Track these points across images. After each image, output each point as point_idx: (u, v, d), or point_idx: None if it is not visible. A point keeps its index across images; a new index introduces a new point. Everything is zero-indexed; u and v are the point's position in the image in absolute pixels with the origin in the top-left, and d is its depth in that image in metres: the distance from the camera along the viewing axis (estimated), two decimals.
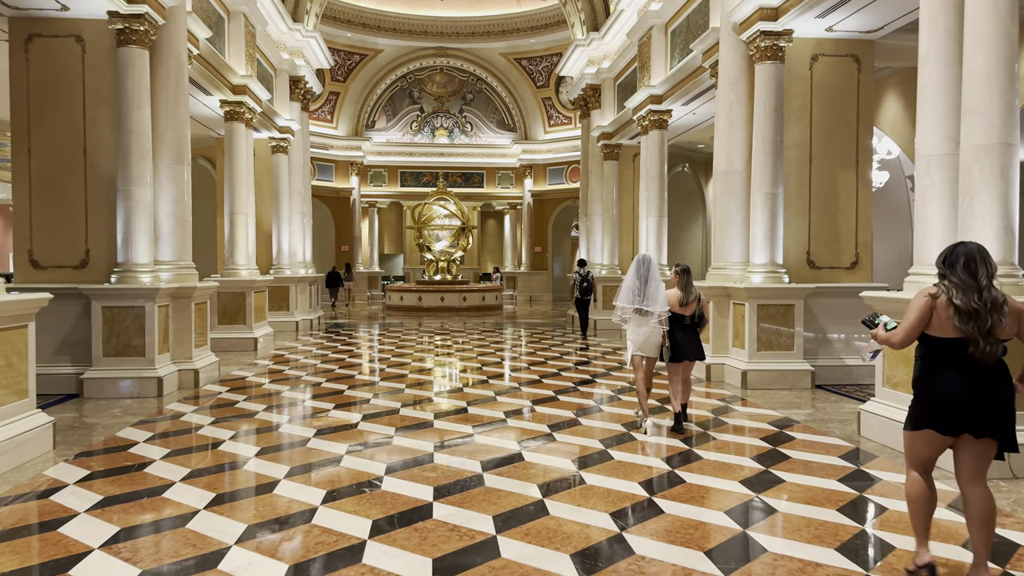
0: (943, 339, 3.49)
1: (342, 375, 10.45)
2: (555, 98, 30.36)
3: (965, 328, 3.38)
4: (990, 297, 3.40)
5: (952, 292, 3.44)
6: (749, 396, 8.76)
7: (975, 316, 3.37)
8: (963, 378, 3.44)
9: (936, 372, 3.53)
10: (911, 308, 3.56)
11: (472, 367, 11.44)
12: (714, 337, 9.93)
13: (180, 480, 5.39)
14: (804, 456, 6.05)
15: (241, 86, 13.32)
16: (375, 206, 31.80)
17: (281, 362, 11.84)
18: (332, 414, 7.78)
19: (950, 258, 3.51)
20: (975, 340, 3.37)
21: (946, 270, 3.52)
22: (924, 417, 3.55)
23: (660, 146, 13.93)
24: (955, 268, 3.47)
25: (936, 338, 3.52)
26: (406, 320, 20.86)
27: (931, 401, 3.53)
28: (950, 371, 3.47)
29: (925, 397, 3.57)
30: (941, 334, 3.49)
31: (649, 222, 14.07)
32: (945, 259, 3.53)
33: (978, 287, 3.39)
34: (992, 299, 3.40)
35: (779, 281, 9.36)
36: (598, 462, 5.91)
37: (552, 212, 31.07)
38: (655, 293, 6.67)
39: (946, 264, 3.51)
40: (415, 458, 5.99)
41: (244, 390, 9.28)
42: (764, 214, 9.38)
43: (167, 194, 9.58)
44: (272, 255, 17.15)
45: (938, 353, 3.53)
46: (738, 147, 9.93)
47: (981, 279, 3.40)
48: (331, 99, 29.91)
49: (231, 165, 13.49)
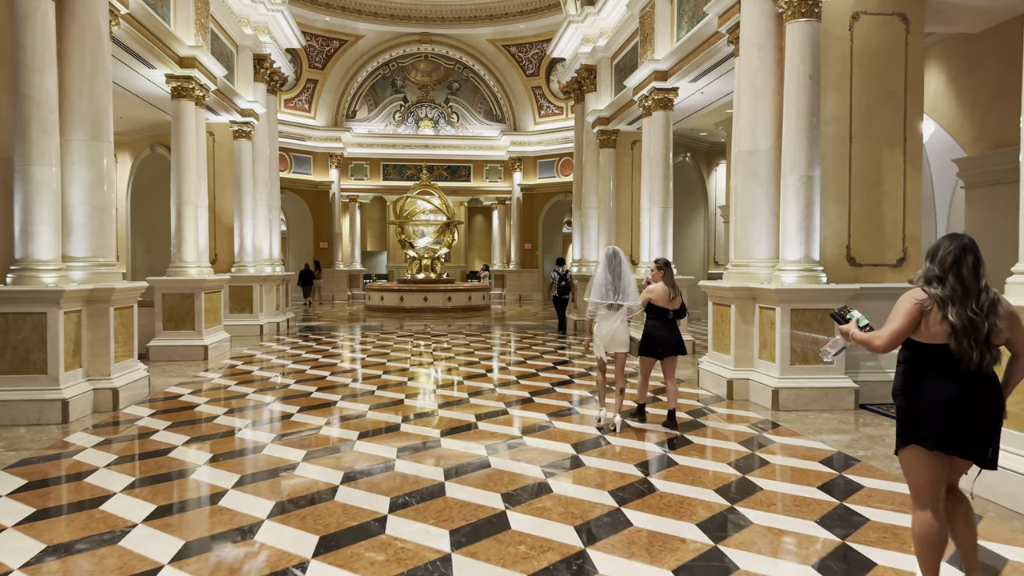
0: (930, 345, 3.12)
1: (297, 392, 8.85)
2: (546, 87, 28.80)
3: (959, 346, 3.02)
4: (987, 300, 3.04)
5: (945, 306, 3.03)
6: (783, 420, 7.23)
7: (971, 330, 3.00)
8: (953, 385, 3.08)
9: (923, 377, 3.15)
10: (899, 310, 3.14)
11: (454, 381, 9.85)
12: (736, 347, 8.39)
13: (19, 569, 3.80)
14: (885, 517, 4.51)
15: (189, 58, 11.67)
16: (356, 201, 30.15)
17: (231, 375, 10.23)
18: (271, 450, 6.19)
19: (942, 256, 3.09)
20: (968, 357, 3.02)
21: (936, 271, 3.09)
22: (911, 428, 3.16)
23: (665, 129, 12.38)
24: (951, 269, 3.06)
25: (923, 344, 3.14)
26: (387, 322, 19.25)
27: (915, 405, 3.15)
28: (937, 376, 3.11)
29: (908, 401, 3.18)
30: (929, 340, 3.12)
31: (652, 214, 12.51)
32: (932, 255, 3.13)
33: (978, 291, 3.03)
34: (989, 301, 3.04)
35: (816, 281, 7.84)
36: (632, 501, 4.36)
37: (543, 207, 29.49)
38: (627, 287, 6.56)
39: (936, 262, 3.10)
40: (363, 526, 4.44)
41: (172, 413, 7.66)
42: (798, 201, 7.85)
43: (81, 177, 7.94)
44: (235, 251, 15.51)
45: (925, 359, 3.15)
46: (764, 123, 8.38)
47: (981, 281, 3.05)
48: (309, 87, 28.24)
49: (178, 148, 11.83)
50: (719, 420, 7.30)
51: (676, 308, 6.92)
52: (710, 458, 5.96)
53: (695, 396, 8.61)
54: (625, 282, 6.60)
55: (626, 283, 6.60)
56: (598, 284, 6.66)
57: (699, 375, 9.27)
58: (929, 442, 3.10)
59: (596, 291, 6.67)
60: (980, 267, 3.06)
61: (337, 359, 11.81)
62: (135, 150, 18.71)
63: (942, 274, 3.07)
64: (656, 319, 6.89)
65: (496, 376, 10.17)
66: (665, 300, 6.85)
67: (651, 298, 6.88)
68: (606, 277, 6.62)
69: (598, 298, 6.65)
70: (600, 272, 6.71)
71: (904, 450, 3.21)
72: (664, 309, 6.87)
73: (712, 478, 5.33)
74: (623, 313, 6.60)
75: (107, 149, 8.20)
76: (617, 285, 6.59)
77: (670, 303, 6.85)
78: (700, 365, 9.30)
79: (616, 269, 6.61)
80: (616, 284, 6.59)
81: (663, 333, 6.84)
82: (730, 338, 8.45)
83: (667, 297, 6.85)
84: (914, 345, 3.17)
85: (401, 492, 5.01)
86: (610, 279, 6.60)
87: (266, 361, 11.60)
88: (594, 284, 6.72)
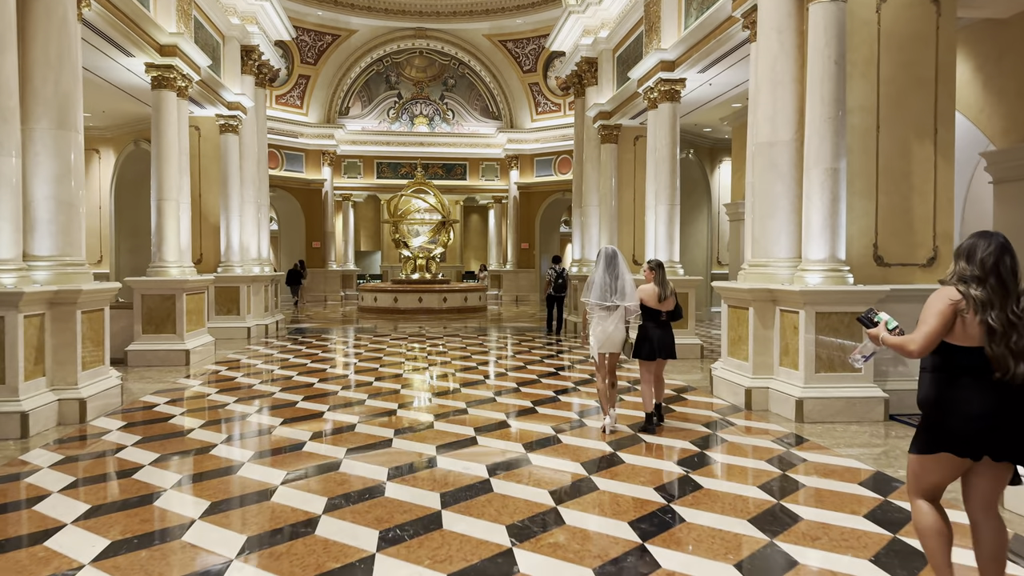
0: (964, 348, 2.93)
1: (282, 401, 8.23)
2: (543, 84, 28.20)
3: (996, 350, 2.84)
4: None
5: (985, 309, 2.86)
6: (809, 434, 6.64)
7: (1010, 334, 2.84)
8: (987, 391, 2.90)
9: (955, 386, 2.96)
10: (931, 310, 2.96)
11: (450, 389, 9.23)
12: (755, 353, 7.80)
13: None
14: None
15: (170, 46, 11.03)
16: (350, 199, 29.49)
17: (212, 381, 9.60)
18: (248, 470, 5.57)
19: (982, 256, 2.91)
20: (1004, 364, 2.84)
21: (976, 271, 2.91)
22: (941, 438, 2.98)
23: (671, 122, 11.78)
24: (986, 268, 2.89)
25: (956, 347, 2.95)
26: (380, 323, 18.64)
27: (949, 420, 2.95)
28: (972, 384, 2.92)
29: (942, 415, 2.98)
30: (964, 342, 2.93)
31: (658, 212, 11.91)
32: (968, 254, 2.95)
33: (1017, 293, 2.88)
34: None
35: (843, 282, 7.25)
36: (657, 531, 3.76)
37: (540, 206, 28.86)
38: (625, 288, 6.49)
39: (975, 263, 2.91)
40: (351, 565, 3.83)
41: (144, 426, 7.04)
42: (823, 195, 7.26)
43: (46, 169, 7.30)
44: (221, 251, 14.87)
45: (958, 363, 2.95)
46: (785, 112, 7.79)
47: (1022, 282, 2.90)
48: (301, 83, 27.58)
49: (159, 141, 11.19)
50: (739, 433, 6.71)
51: (669, 310, 6.80)
52: (737, 479, 5.37)
53: (710, 405, 8.02)
54: (623, 282, 6.52)
55: (624, 283, 6.52)
56: (596, 284, 6.56)
57: (713, 382, 8.68)
58: (960, 449, 2.95)
59: (594, 291, 6.56)
60: (1018, 267, 2.92)
61: (327, 364, 11.19)
62: (119, 145, 18.06)
63: (982, 275, 2.90)
64: (649, 320, 6.80)
65: (494, 382, 9.56)
66: (654, 301, 6.76)
67: (642, 298, 6.76)
68: (604, 277, 6.53)
69: (596, 299, 6.54)
70: (598, 272, 6.60)
71: (928, 456, 3.05)
72: (656, 311, 6.77)
73: (744, 505, 4.73)
74: (620, 313, 6.52)
75: (75, 139, 7.56)
76: (615, 285, 6.51)
77: (660, 304, 6.76)
78: (714, 372, 8.71)
79: (614, 269, 6.53)
80: (614, 284, 6.51)
81: (655, 335, 6.75)
82: (748, 343, 7.86)
83: (656, 298, 6.75)
84: (945, 348, 2.98)
85: (392, 523, 4.40)
86: (608, 279, 6.52)
87: (251, 367, 10.97)
88: (592, 284, 6.62)
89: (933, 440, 3.02)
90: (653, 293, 6.78)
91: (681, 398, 8.42)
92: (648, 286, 6.84)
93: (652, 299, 6.77)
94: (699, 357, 11.55)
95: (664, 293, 6.77)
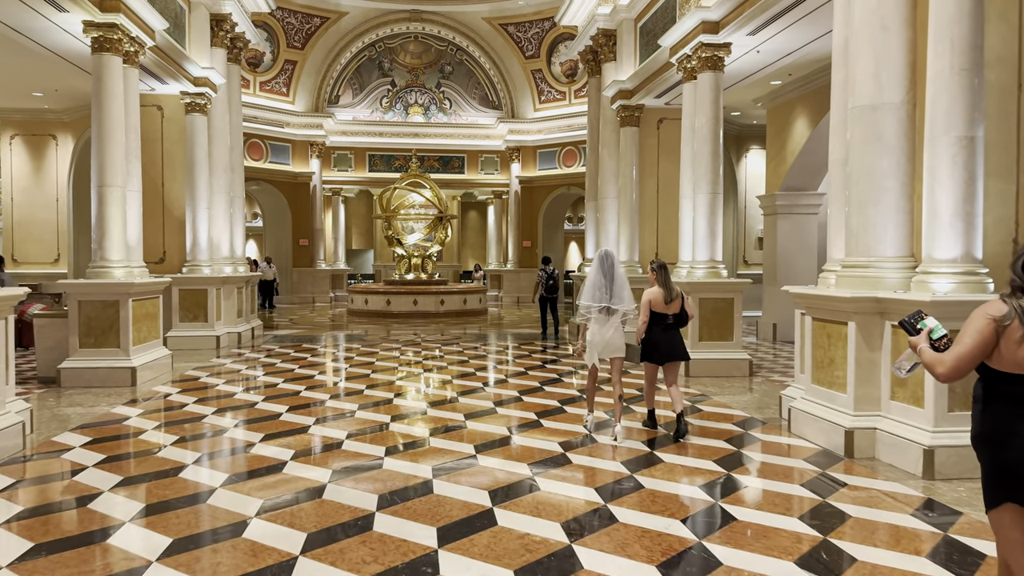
0: (1014, 376, 2.47)
1: (237, 441, 6.36)
2: (547, 70, 26.32)
3: None
4: None
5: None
6: (953, 499, 4.78)
7: None
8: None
9: (1008, 420, 2.49)
10: (968, 329, 2.51)
11: (457, 428, 7.36)
12: (856, 383, 5.94)
13: None
14: None
15: (113, 2, 9.15)
16: (340, 194, 27.58)
17: (156, 410, 7.72)
18: (155, 573, 3.70)
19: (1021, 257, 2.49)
20: None
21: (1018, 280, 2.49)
22: (1000, 486, 2.53)
23: (714, 95, 9.91)
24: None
25: (1004, 374, 2.49)
26: (371, 328, 16.78)
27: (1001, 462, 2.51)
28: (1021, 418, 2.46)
29: (993, 457, 2.54)
30: (1014, 369, 2.46)
31: (698, 202, 10.03)
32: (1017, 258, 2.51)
33: None
34: None
35: (982, 289, 5.42)
36: None
37: (543, 201, 26.96)
38: (620, 291, 6.35)
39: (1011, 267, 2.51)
40: None
41: (32, 487, 5.14)
42: (955, 174, 5.42)
43: None
44: (187, 248, 12.98)
45: (1008, 394, 2.50)
46: (894, 66, 5.93)
47: None
48: (287, 69, 25.66)
49: (100, 116, 9.28)
50: (852, 501, 4.84)
51: (675, 312, 6.58)
52: None
53: (786, 448, 6.18)
54: (618, 285, 6.35)
55: (619, 286, 6.35)
56: (591, 286, 6.38)
57: (790, 417, 6.82)
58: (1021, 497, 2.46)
59: (588, 293, 6.40)
60: None
61: (302, 385, 9.31)
62: (77, 131, 16.17)
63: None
64: (655, 324, 6.57)
65: (513, 414, 7.69)
66: (661, 304, 6.53)
67: (650, 300, 6.51)
68: (599, 279, 6.36)
69: (590, 300, 6.36)
70: (592, 274, 6.44)
71: (996, 510, 2.55)
72: (662, 314, 6.55)
73: None
74: (617, 317, 6.35)
75: None
76: (611, 288, 6.32)
77: (667, 307, 6.54)
78: (791, 403, 6.86)
79: (609, 271, 6.37)
80: (610, 287, 6.32)
81: (662, 338, 6.55)
82: (846, 369, 6.00)
83: (662, 300, 6.51)
84: (992, 377, 2.54)
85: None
86: (603, 281, 6.34)
87: (210, 387, 9.09)
88: (586, 286, 6.44)
89: (996, 490, 2.57)
90: (658, 296, 6.51)
91: (751, 437, 6.58)
92: (653, 289, 6.56)
93: (658, 302, 6.50)
94: (747, 375, 9.71)
95: (670, 295, 6.51)
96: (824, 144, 12.34)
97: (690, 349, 9.08)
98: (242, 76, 24.73)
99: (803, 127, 13.19)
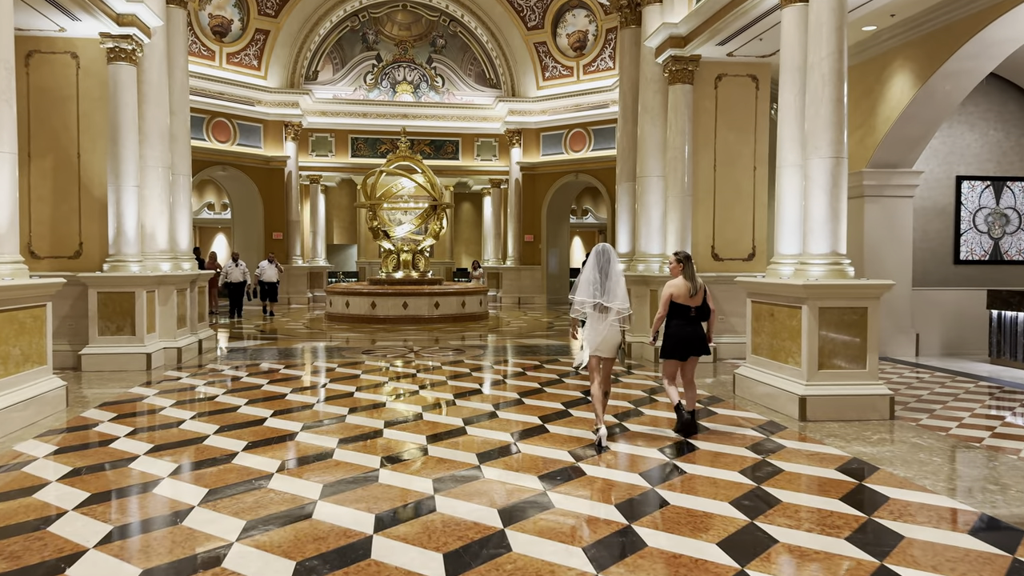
0: None
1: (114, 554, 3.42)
2: (551, 43, 23.41)
3: None
4: None
5: None
6: None
7: None
8: None
9: None
10: None
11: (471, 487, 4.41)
12: None
13: None
14: None
15: None
16: (319, 182, 24.56)
17: (5, 490, 4.75)
18: None
19: None
20: None
21: None
22: None
23: (838, 18, 6.97)
24: None
25: None
26: (352, 336, 13.85)
27: None
28: None
29: None
30: None
31: (811, 170, 7.06)
32: None
33: None
34: None
35: None
36: None
37: (547, 191, 24.02)
38: (615, 287, 6.10)
39: None
40: None
41: None
42: None
43: None
44: (109, 238, 9.96)
45: None
46: None
47: None
48: (258, 39, 22.61)
49: None
50: None
51: (698, 305, 6.37)
52: None
53: None
54: (613, 282, 6.10)
55: (614, 283, 6.10)
56: (584, 282, 6.14)
57: None
58: None
59: (582, 289, 6.13)
60: None
61: (247, 429, 6.33)
62: None
63: None
64: (678, 318, 6.37)
65: (550, 480, 4.77)
66: (686, 296, 6.36)
67: (672, 293, 6.36)
68: (594, 275, 6.12)
69: (584, 296, 6.09)
70: (587, 270, 6.17)
71: None
72: (686, 307, 6.36)
73: None
74: (612, 315, 6.07)
75: None
76: (605, 285, 6.07)
77: (691, 300, 6.35)
78: None
79: (605, 267, 6.12)
80: (604, 284, 6.08)
81: (687, 332, 6.35)
82: None
83: (687, 292, 6.34)
84: None
85: None
86: (598, 277, 6.11)
87: (105, 439, 6.09)
88: (580, 282, 6.19)
89: None
90: (683, 288, 6.36)
91: None
92: (678, 280, 6.42)
93: (682, 294, 6.36)
94: (887, 418, 6.83)
95: (695, 288, 6.34)
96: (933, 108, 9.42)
97: (805, 382, 6.63)
98: (206, 46, 21.73)
99: (904, 85, 10.34)
